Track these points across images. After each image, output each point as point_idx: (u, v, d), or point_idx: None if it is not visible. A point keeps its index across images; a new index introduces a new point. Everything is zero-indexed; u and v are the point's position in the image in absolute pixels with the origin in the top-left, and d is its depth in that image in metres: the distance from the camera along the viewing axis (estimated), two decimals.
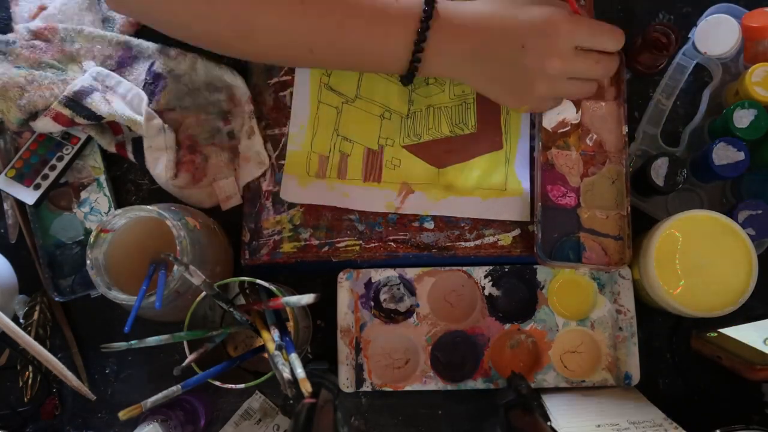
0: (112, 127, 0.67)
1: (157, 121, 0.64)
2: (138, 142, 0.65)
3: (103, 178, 0.68)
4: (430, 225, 0.64)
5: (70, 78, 0.64)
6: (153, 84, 0.66)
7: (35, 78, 0.63)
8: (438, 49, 0.54)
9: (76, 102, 0.62)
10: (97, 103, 0.62)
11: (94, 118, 0.63)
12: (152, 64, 0.67)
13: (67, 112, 0.62)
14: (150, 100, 0.65)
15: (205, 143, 0.66)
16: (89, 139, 0.67)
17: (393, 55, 0.54)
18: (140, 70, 0.67)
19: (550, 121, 0.65)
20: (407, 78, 0.56)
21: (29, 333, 0.63)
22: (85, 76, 0.64)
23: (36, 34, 0.65)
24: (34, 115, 0.63)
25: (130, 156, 0.66)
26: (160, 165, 0.64)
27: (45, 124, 0.63)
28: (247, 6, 0.52)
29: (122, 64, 0.67)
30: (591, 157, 0.65)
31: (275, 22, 0.53)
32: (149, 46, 0.67)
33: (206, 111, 0.67)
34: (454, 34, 0.53)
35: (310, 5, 0.52)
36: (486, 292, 0.65)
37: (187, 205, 0.65)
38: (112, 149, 0.67)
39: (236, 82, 0.66)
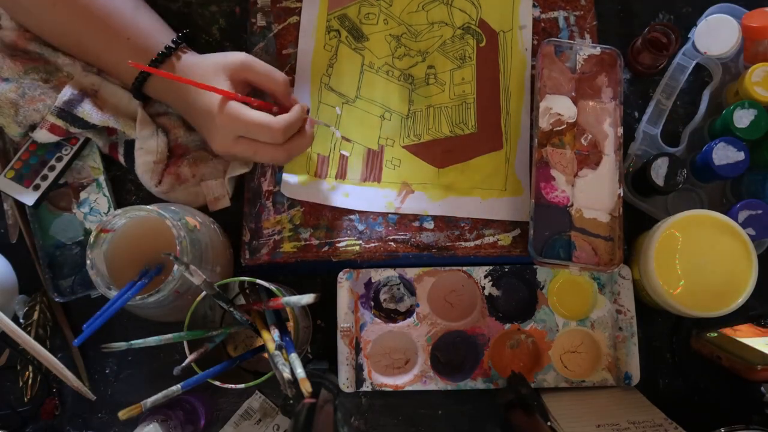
0: (107, 128, 0.67)
1: (151, 124, 0.64)
2: (129, 145, 0.65)
3: (102, 178, 0.68)
4: (430, 225, 0.64)
5: (59, 82, 0.64)
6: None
7: (26, 91, 0.62)
8: (155, 85, 0.62)
9: (67, 112, 0.62)
10: (88, 111, 0.62)
11: (88, 126, 0.63)
12: None
13: (60, 122, 0.62)
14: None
15: (197, 148, 0.67)
16: (88, 139, 0.67)
17: (123, 75, 0.62)
18: None
19: (545, 118, 0.65)
20: (134, 93, 0.63)
21: (29, 333, 0.63)
22: (73, 80, 0.64)
23: (13, 47, 0.65)
24: (32, 127, 0.63)
25: (121, 158, 0.66)
26: (146, 173, 0.64)
27: (43, 135, 0.63)
28: None
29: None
30: (585, 156, 0.65)
31: (31, 6, 0.60)
32: None
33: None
34: (167, 85, 0.61)
35: (59, 7, 0.60)
36: (486, 292, 0.65)
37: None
38: (106, 150, 0.67)
39: None
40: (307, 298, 0.51)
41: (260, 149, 0.58)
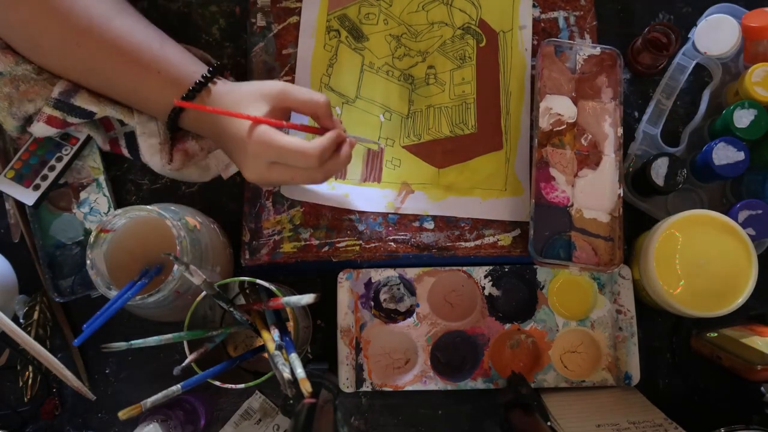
0: (104, 123, 0.66)
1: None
2: (131, 137, 0.65)
3: (102, 178, 0.68)
4: (430, 225, 0.64)
5: (48, 74, 0.63)
6: None
7: (19, 83, 0.61)
8: (190, 117, 0.60)
9: (64, 102, 0.61)
10: (85, 99, 0.62)
11: (85, 115, 0.62)
12: None
13: (57, 113, 0.62)
14: None
15: None
16: (88, 139, 0.67)
17: (155, 107, 0.61)
18: None
19: (545, 118, 0.65)
20: (169, 127, 0.61)
21: (29, 333, 0.63)
22: None
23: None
24: (29, 120, 0.63)
25: (124, 151, 0.66)
26: (154, 156, 0.64)
27: (40, 129, 0.63)
28: (34, 24, 0.57)
29: None
30: (585, 156, 0.65)
31: (55, 47, 0.58)
32: None
33: None
34: (201, 117, 0.59)
35: (84, 45, 0.58)
36: (486, 292, 0.65)
37: (187, 204, 0.65)
38: (105, 147, 0.67)
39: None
40: (307, 298, 0.51)
41: (297, 174, 0.56)
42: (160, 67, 0.58)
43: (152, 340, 0.53)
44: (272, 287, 0.56)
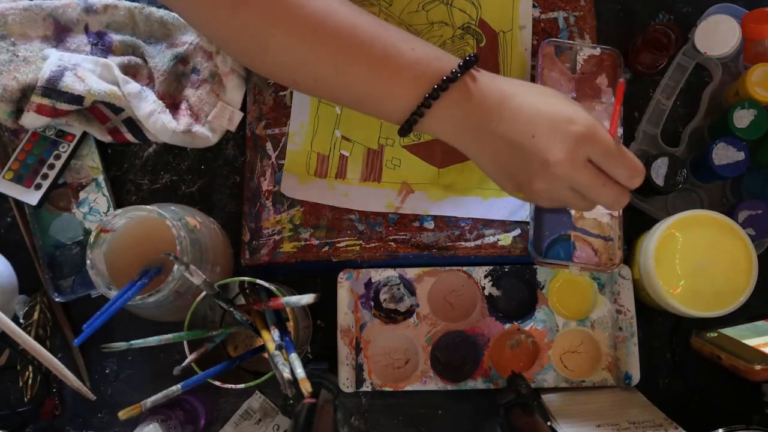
0: (97, 115, 0.66)
1: (134, 83, 0.64)
2: (130, 122, 0.65)
3: (101, 178, 0.68)
4: (430, 225, 0.64)
5: (26, 55, 0.62)
6: (100, 42, 0.66)
7: (1, 68, 0.61)
8: (444, 111, 0.51)
9: (51, 89, 0.61)
10: (71, 83, 0.61)
11: (74, 99, 0.61)
12: (87, 26, 0.66)
13: (46, 101, 0.61)
14: (105, 56, 0.65)
15: (178, 92, 0.67)
16: (83, 135, 0.66)
17: (393, 105, 0.52)
18: (80, 37, 0.66)
19: None
20: (403, 130, 0.52)
21: (29, 333, 0.63)
22: (50, 59, 0.62)
23: None
24: (19, 104, 0.62)
25: (128, 136, 0.66)
26: (159, 121, 0.64)
27: (31, 119, 0.62)
28: (264, 24, 0.51)
29: (60, 39, 0.66)
30: None
31: (286, 44, 0.51)
32: (72, 11, 0.66)
33: (158, 65, 0.67)
34: (467, 101, 0.50)
35: (322, 36, 0.50)
36: (486, 292, 0.65)
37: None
38: (106, 138, 0.66)
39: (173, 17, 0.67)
40: (307, 298, 0.51)
41: (608, 185, 0.50)
42: (400, 50, 0.50)
43: (152, 340, 0.53)
44: (272, 287, 0.56)
